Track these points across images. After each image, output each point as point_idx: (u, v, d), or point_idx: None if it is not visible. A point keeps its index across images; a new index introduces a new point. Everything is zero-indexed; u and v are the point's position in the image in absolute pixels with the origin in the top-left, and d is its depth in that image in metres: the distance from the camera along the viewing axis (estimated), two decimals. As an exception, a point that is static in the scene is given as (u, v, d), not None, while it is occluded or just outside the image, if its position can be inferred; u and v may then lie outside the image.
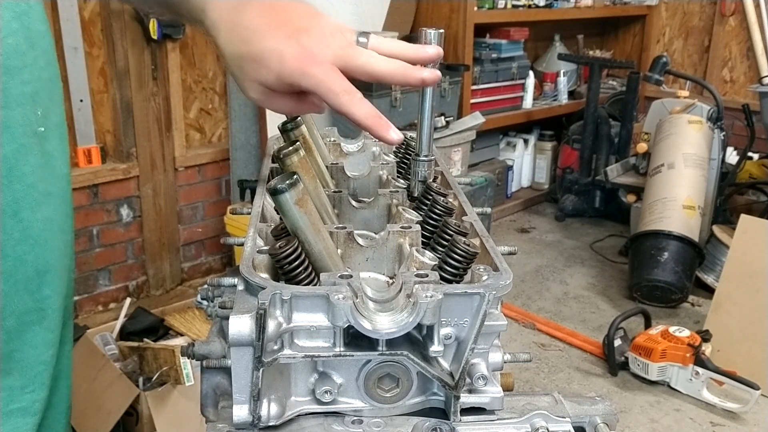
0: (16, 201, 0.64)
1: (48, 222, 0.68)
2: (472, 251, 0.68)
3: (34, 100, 0.65)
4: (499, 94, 4.33)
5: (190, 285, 3.38)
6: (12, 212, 0.63)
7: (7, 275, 0.64)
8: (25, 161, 0.64)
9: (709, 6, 4.77)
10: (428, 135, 0.85)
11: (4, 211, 0.63)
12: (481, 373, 0.64)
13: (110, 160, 3.05)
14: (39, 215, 0.66)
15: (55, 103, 0.69)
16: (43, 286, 0.68)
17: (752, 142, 3.76)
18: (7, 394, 0.67)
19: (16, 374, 0.67)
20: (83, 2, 2.81)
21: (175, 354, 2.19)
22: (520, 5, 4.23)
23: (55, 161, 0.69)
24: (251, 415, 0.60)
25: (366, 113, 0.69)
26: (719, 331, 2.80)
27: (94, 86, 2.92)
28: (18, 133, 0.63)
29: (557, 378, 2.80)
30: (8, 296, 0.64)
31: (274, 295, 0.59)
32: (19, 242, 0.65)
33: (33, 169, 0.65)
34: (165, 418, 2.19)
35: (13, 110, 0.63)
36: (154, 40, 2.94)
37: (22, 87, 0.64)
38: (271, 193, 0.66)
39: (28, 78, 0.64)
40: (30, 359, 0.68)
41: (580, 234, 4.29)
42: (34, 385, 0.69)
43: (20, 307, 0.66)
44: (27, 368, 0.68)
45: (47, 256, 0.68)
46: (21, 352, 0.67)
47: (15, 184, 0.63)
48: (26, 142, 0.64)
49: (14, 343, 0.66)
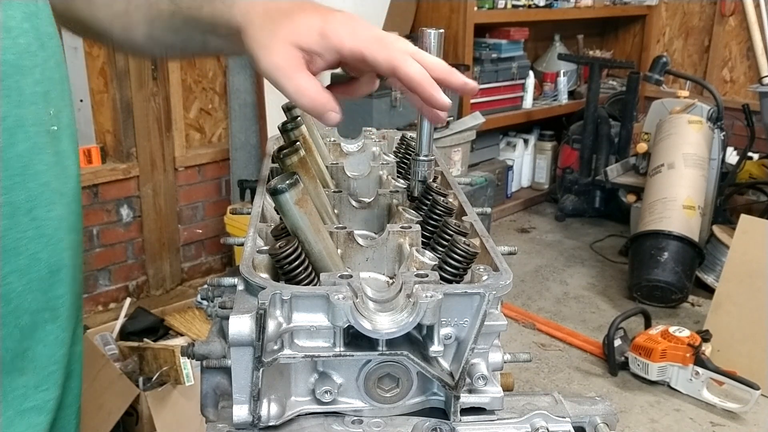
0: (31, 199, 0.64)
1: (61, 221, 0.68)
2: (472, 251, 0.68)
3: (46, 99, 0.66)
4: (499, 94, 4.33)
5: (190, 285, 3.38)
6: (26, 210, 0.64)
7: (22, 273, 0.64)
8: (39, 160, 0.65)
9: (709, 6, 4.77)
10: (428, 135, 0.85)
11: (18, 209, 0.63)
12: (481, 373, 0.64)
13: (110, 160, 3.05)
14: (53, 214, 0.67)
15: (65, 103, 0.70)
16: (56, 284, 0.69)
17: (752, 142, 3.76)
18: (21, 393, 0.67)
19: (30, 373, 0.67)
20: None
21: (175, 354, 2.19)
22: (520, 5, 4.23)
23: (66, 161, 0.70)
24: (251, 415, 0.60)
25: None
26: (719, 331, 2.80)
27: (94, 86, 2.92)
28: (32, 131, 0.64)
29: (557, 378, 2.80)
30: (22, 294, 0.65)
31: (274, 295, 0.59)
32: (33, 240, 0.65)
33: (47, 168, 0.66)
34: (165, 418, 2.19)
35: (27, 109, 0.63)
36: (154, 40, 2.94)
37: (35, 86, 0.64)
38: (271, 193, 0.66)
39: (39, 78, 0.65)
40: (44, 358, 0.68)
41: (580, 234, 4.29)
42: (47, 384, 0.69)
43: (34, 305, 0.66)
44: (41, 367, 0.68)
45: (60, 255, 0.69)
46: (35, 350, 0.67)
47: (29, 182, 0.64)
48: (40, 140, 0.65)
49: (28, 342, 0.66)
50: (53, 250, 0.67)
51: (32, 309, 0.66)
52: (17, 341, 0.65)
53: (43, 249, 0.66)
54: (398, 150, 1.02)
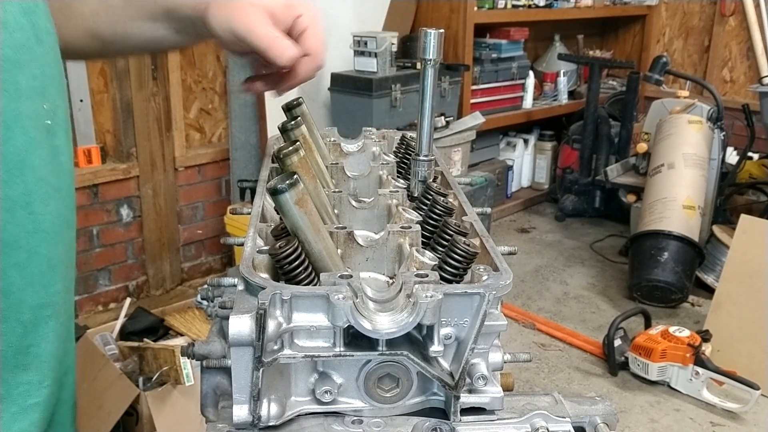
0: (28, 193, 0.65)
1: (57, 216, 0.69)
2: (472, 251, 0.68)
3: (43, 94, 0.66)
4: (499, 94, 4.33)
5: (190, 285, 3.38)
6: (24, 203, 0.64)
7: (21, 267, 0.65)
8: (36, 154, 0.65)
9: (709, 6, 4.77)
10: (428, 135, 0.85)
11: (16, 203, 0.64)
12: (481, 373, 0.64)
13: (110, 160, 3.05)
14: (50, 208, 0.67)
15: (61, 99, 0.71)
16: (55, 280, 0.69)
17: (752, 142, 3.76)
18: (25, 390, 0.67)
19: (33, 369, 0.67)
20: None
21: (175, 354, 2.19)
22: (520, 5, 4.23)
23: (62, 156, 0.70)
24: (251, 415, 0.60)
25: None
26: (719, 331, 2.80)
27: (94, 86, 2.92)
28: (28, 125, 0.64)
29: (557, 378, 2.80)
30: (23, 289, 0.65)
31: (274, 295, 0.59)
32: (32, 234, 0.65)
33: (43, 163, 0.66)
34: (165, 418, 2.19)
35: (24, 103, 0.64)
36: (154, 40, 2.94)
37: (32, 81, 0.65)
38: (271, 193, 0.66)
39: (36, 72, 0.65)
40: (45, 354, 0.69)
41: (580, 234, 4.29)
42: (49, 380, 0.69)
43: (35, 301, 0.66)
44: (43, 363, 0.68)
45: (58, 250, 0.69)
46: (37, 346, 0.67)
47: (27, 176, 0.64)
48: (36, 135, 0.65)
49: (30, 338, 0.67)
50: (52, 245, 0.68)
51: (33, 304, 0.66)
52: (20, 337, 0.65)
53: (41, 243, 0.66)
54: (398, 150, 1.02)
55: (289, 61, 0.78)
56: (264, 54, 0.77)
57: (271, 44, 0.77)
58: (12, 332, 0.65)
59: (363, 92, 3.32)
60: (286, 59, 0.77)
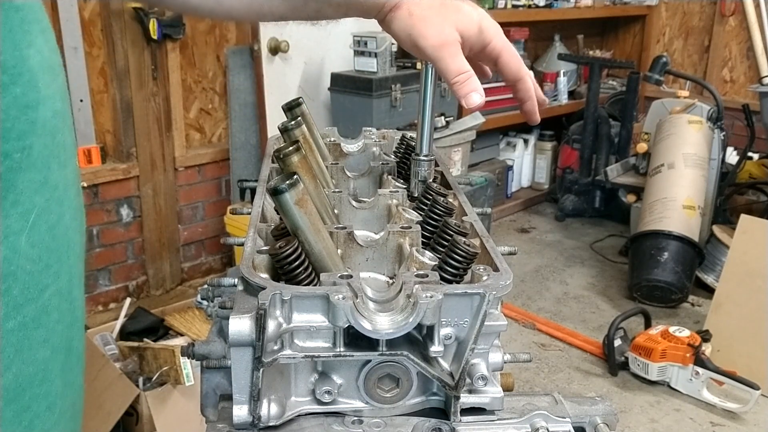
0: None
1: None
2: (472, 251, 0.68)
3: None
4: (499, 94, 4.32)
5: (190, 285, 3.38)
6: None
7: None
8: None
9: (709, 6, 4.77)
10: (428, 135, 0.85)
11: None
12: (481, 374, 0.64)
13: (110, 160, 3.05)
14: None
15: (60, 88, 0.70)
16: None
17: (752, 142, 3.76)
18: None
19: None
20: (83, 2, 2.81)
21: (175, 354, 2.19)
22: (520, 5, 4.23)
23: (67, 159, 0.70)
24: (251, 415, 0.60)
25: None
26: (719, 331, 2.80)
27: (94, 86, 2.92)
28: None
29: (557, 378, 2.80)
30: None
31: (274, 295, 0.59)
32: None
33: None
34: (165, 418, 2.19)
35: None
36: (154, 40, 2.94)
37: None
38: (271, 193, 0.66)
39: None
40: None
41: (580, 234, 4.29)
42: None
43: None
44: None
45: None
46: None
47: None
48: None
49: None
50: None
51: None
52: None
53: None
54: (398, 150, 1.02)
55: (475, 109, 0.76)
56: (449, 87, 0.75)
57: (460, 86, 0.74)
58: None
59: (363, 92, 3.32)
60: (471, 106, 0.75)
